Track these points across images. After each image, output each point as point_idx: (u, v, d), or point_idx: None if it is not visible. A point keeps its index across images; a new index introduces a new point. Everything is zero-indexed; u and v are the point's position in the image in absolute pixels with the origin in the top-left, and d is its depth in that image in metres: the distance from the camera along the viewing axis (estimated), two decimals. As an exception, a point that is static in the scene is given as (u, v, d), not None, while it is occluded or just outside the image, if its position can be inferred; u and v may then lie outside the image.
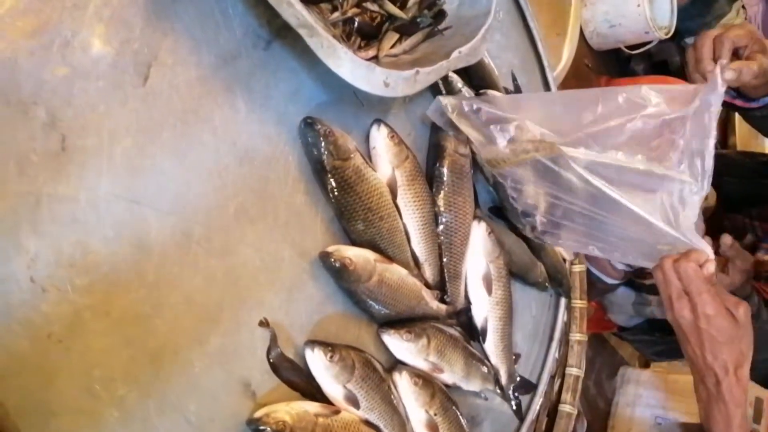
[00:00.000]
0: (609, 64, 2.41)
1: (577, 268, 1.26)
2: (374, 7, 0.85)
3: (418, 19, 0.88)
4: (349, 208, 0.83)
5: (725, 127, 2.53)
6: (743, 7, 2.27)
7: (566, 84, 2.08)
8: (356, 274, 0.81)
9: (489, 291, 0.99)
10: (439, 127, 0.97)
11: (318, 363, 0.76)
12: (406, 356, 0.88)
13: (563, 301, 1.24)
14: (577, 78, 2.23)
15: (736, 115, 2.26)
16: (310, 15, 0.70)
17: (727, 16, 2.20)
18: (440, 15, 0.92)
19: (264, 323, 0.75)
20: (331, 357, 0.77)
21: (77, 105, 0.61)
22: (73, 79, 0.61)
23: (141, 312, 0.65)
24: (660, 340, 1.70)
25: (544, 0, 1.80)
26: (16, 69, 0.58)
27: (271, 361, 0.75)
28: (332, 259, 0.79)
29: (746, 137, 2.48)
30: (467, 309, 1.00)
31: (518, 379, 1.07)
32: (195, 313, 0.69)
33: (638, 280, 1.63)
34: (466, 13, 0.92)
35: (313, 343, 0.77)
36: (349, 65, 0.73)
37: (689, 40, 2.28)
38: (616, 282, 1.61)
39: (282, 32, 0.78)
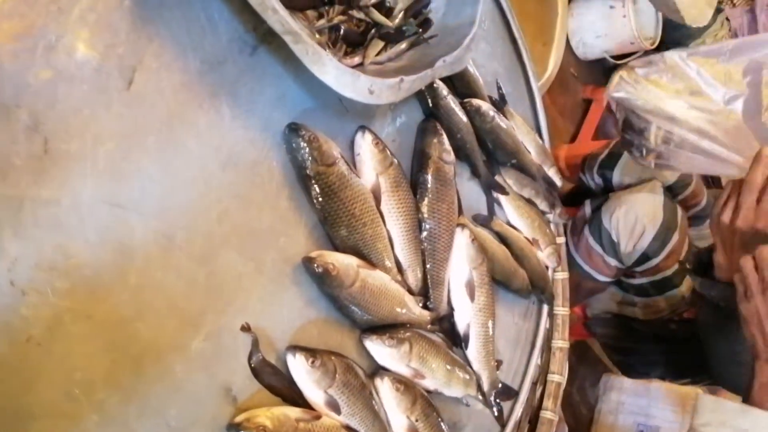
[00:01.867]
0: (595, 73, 2.44)
1: (560, 275, 1.28)
2: (360, 15, 0.85)
3: (404, 28, 0.89)
4: (333, 214, 0.83)
5: None
6: (727, 19, 2.30)
7: (552, 92, 2.10)
8: (339, 280, 0.81)
9: (472, 297, 1.00)
10: (424, 134, 0.98)
11: (299, 368, 0.77)
12: (388, 362, 0.88)
13: (546, 308, 1.25)
14: (562, 86, 2.25)
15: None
16: (295, 22, 0.71)
17: (711, 27, 2.23)
18: (426, 23, 0.93)
19: (246, 328, 0.75)
20: (313, 362, 0.77)
21: (61, 109, 0.62)
22: (57, 82, 0.61)
23: (123, 316, 0.65)
24: (627, 337, 1.71)
25: (531, 9, 1.82)
26: (1, 72, 0.58)
27: (253, 366, 0.75)
28: (315, 265, 0.80)
29: None
30: (450, 315, 1.00)
31: (500, 385, 1.08)
32: (177, 317, 0.69)
33: (626, 279, 1.64)
34: (451, 23, 0.93)
35: (294, 348, 0.77)
36: (333, 72, 0.74)
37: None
38: (608, 280, 1.62)
39: (268, 38, 0.79)
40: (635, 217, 1.47)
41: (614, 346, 1.81)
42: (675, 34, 2.27)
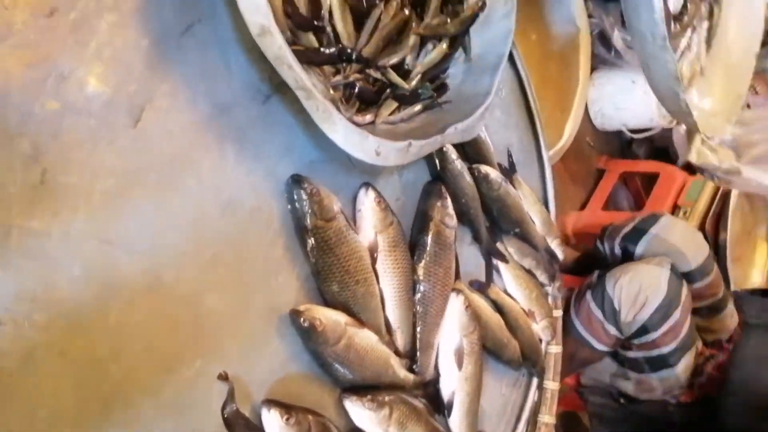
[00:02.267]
0: (611, 143, 2.44)
1: (553, 349, 1.25)
2: (377, 75, 0.86)
3: (420, 91, 0.89)
4: (327, 269, 0.82)
5: None
6: (748, 105, 2.30)
7: (566, 159, 2.10)
8: (324, 336, 0.80)
9: (459, 365, 0.98)
10: (429, 196, 0.97)
11: (273, 424, 0.75)
12: (366, 425, 0.86)
13: (535, 380, 1.22)
14: (577, 154, 2.25)
15: None
16: (309, 78, 0.71)
17: (731, 112, 2.24)
18: (442, 88, 0.93)
19: (223, 377, 0.74)
20: (287, 419, 0.75)
21: (63, 140, 0.62)
22: (63, 114, 0.62)
23: (97, 355, 0.64)
24: (620, 408, 1.67)
25: (552, 76, 1.83)
26: (7, 99, 0.58)
27: (226, 416, 0.73)
28: (302, 318, 0.78)
29: None
30: (435, 381, 0.98)
31: (480, 458, 1.05)
32: (154, 360, 0.68)
33: (623, 351, 1.61)
34: (467, 90, 0.93)
35: (270, 402, 0.75)
36: (342, 131, 0.74)
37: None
38: (605, 349, 1.59)
39: (282, 88, 0.79)
40: (639, 287, 1.45)
41: (605, 418, 1.77)
42: (694, 115, 2.27)
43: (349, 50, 0.80)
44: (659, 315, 1.45)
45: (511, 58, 1.16)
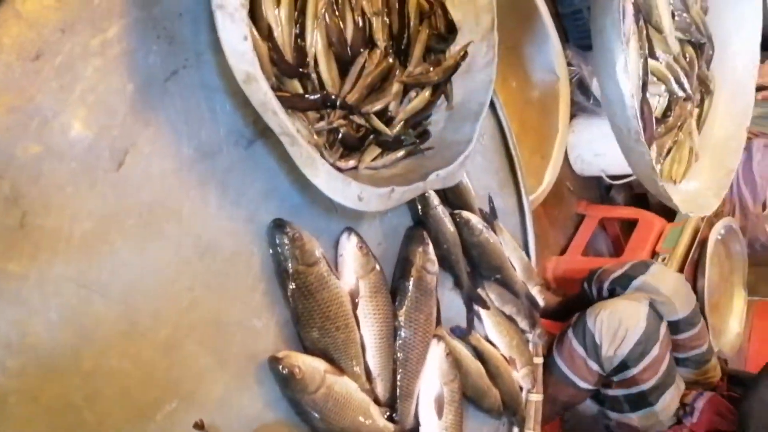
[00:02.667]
0: (590, 189, 2.47)
1: (534, 397, 1.24)
2: (361, 121, 0.86)
3: (402, 137, 0.90)
4: (307, 315, 0.82)
5: None
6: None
7: (546, 204, 2.12)
8: (303, 384, 0.78)
9: (440, 414, 0.97)
10: (411, 241, 0.97)
11: (248, 474, 0.73)
12: (344, 475, 0.84)
13: (516, 429, 1.21)
14: (557, 198, 2.27)
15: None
16: (293, 124, 0.72)
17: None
18: (424, 135, 0.94)
19: (199, 425, 0.72)
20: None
21: (44, 184, 0.61)
22: (45, 158, 0.61)
23: (71, 402, 0.62)
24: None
25: (533, 123, 1.86)
26: (-11, 142, 0.58)
27: (201, 466, 0.72)
28: (281, 366, 0.77)
29: None
30: (415, 430, 0.97)
31: None
32: (128, 408, 0.67)
33: (603, 390, 1.60)
34: (449, 137, 0.95)
35: None
36: (325, 176, 0.74)
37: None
38: (588, 387, 1.58)
39: (266, 133, 0.79)
40: (619, 321, 1.46)
41: None
42: (671, 162, 2.32)
43: (333, 97, 0.81)
44: (638, 350, 1.46)
45: (492, 105, 1.18)
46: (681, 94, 0.96)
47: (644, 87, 0.81)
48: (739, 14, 1.11)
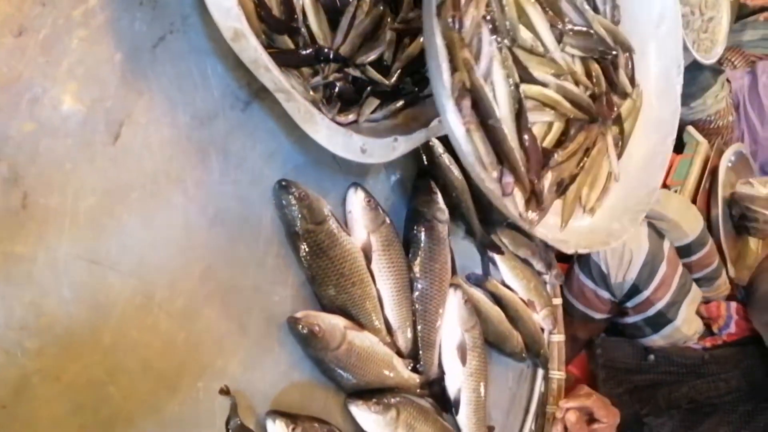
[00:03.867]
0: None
1: (556, 338, 1.25)
2: (356, 73, 0.84)
3: (400, 86, 0.88)
4: (321, 273, 0.81)
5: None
6: (728, 80, 2.31)
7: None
8: (324, 342, 0.78)
9: (463, 361, 0.97)
10: (418, 192, 0.96)
11: (279, 435, 0.74)
12: (374, 429, 0.84)
13: (540, 371, 1.21)
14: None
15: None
16: (287, 80, 0.70)
17: (712, 88, 2.23)
18: (422, 82, 0.92)
19: (225, 391, 0.72)
20: (293, 429, 0.74)
21: (42, 162, 0.60)
22: (40, 135, 0.60)
23: (94, 378, 0.63)
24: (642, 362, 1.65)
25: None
26: (-19, 124, 0.57)
27: (229, 430, 0.72)
28: (300, 325, 0.77)
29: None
30: (440, 379, 0.97)
31: (492, 453, 1.04)
32: (152, 379, 0.67)
33: (621, 320, 1.61)
34: (448, 82, 0.92)
35: (275, 413, 0.74)
36: (325, 131, 0.73)
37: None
38: (603, 316, 1.59)
39: (261, 93, 0.78)
40: (622, 246, 1.47)
41: (622, 369, 1.70)
42: (675, 94, 2.28)
43: (326, 50, 0.79)
44: (647, 271, 1.46)
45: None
46: (580, 116, 0.87)
47: (519, 116, 0.74)
48: (656, 16, 1.02)
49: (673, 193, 1.78)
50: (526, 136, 0.77)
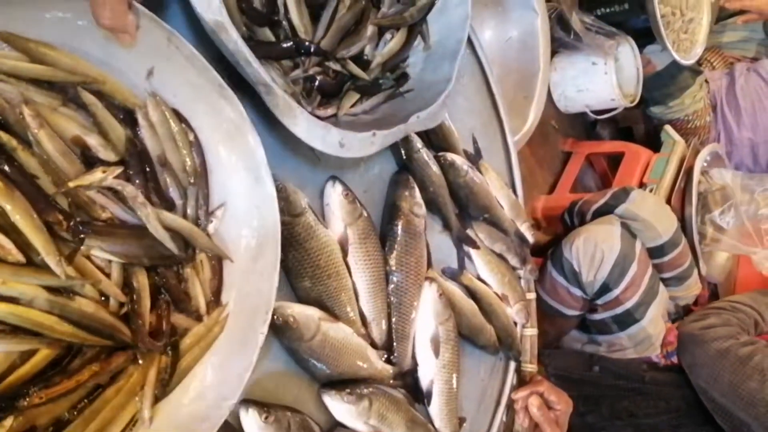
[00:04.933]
0: (575, 126, 2.47)
1: (528, 331, 1.26)
2: (336, 67, 0.85)
3: (380, 81, 0.89)
4: (297, 265, 0.82)
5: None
6: (706, 81, 2.34)
7: (532, 144, 2.12)
8: (298, 332, 0.79)
9: (436, 353, 0.98)
10: (396, 187, 0.97)
11: (252, 424, 0.74)
12: (347, 418, 0.86)
13: (512, 364, 1.23)
14: (543, 138, 2.27)
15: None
16: (267, 72, 0.71)
17: (690, 88, 2.27)
18: (402, 78, 0.93)
19: (198, 380, 0.72)
20: (266, 418, 0.75)
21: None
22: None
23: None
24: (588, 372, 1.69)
25: (513, 64, 1.84)
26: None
27: (203, 420, 0.72)
28: (275, 316, 0.78)
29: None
30: (414, 370, 0.98)
31: (462, 444, 1.05)
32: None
33: (590, 316, 1.64)
34: (428, 78, 0.94)
35: (248, 402, 0.75)
36: (304, 124, 0.73)
37: (654, 109, 2.34)
38: (575, 313, 1.62)
39: (241, 86, 0.78)
40: (594, 245, 1.49)
41: (570, 380, 1.74)
42: (655, 94, 2.30)
43: (306, 43, 0.80)
44: (617, 271, 1.49)
45: (470, 44, 1.16)
46: (95, 341, 0.66)
47: None
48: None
49: (649, 194, 1.81)
50: None
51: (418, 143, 1.00)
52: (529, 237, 1.24)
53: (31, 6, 0.61)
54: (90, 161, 0.64)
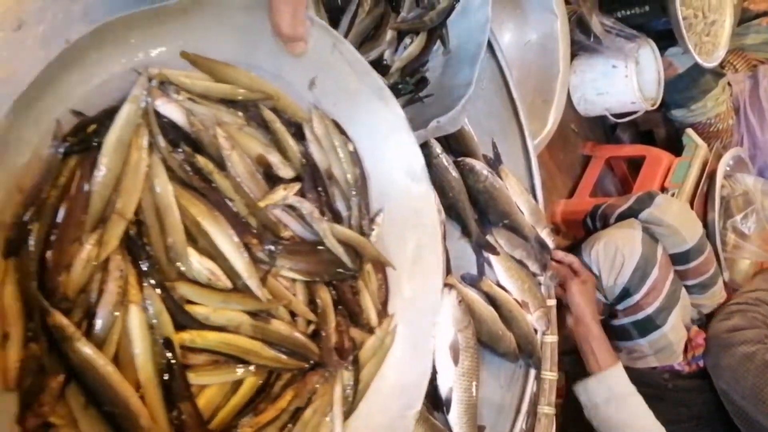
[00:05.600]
0: (595, 129, 2.44)
1: (549, 338, 1.25)
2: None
3: (400, 86, 0.89)
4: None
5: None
6: (729, 84, 2.31)
7: (551, 147, 2.09)
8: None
9: (456, 361, 0.97)
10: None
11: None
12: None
13: (533, 372, 1.22)
14: (563, 142, 2.25)
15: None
16: (287, 78, 0.70)
17: (712, 91, 2.24)
18: (422, 82, 0.92)
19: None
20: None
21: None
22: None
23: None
24: None
25: (533, 67, 1.83)
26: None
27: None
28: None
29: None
30: (432, 378, 0.97)
31: (482, 452, 1.04)
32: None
33: (610, 321, 1.62)
34: (447, 83, 0.93)
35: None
36: (323, 130, 0.73)
37: (676, 113, 2.31)
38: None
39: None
40: (615, 249, 1.48)
41: None
42: (676, 97, 2.28)
43: (326, 48, 0.79)
44: (638, 275, 1.47)
45: (490, 48, 1.15)
46: (291, 364, 0.65)
47: (170, 385, 0.54)
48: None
49: (674, 199, 1.78)
50: (181, 411, 0.53)
51: (438, 148, 0.99)
52: (550, 243, 1.22)
53: (211, 26, 0.61)
54: (270, 179, 0.64)
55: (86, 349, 0.47)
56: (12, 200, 0.45)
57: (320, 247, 0.65)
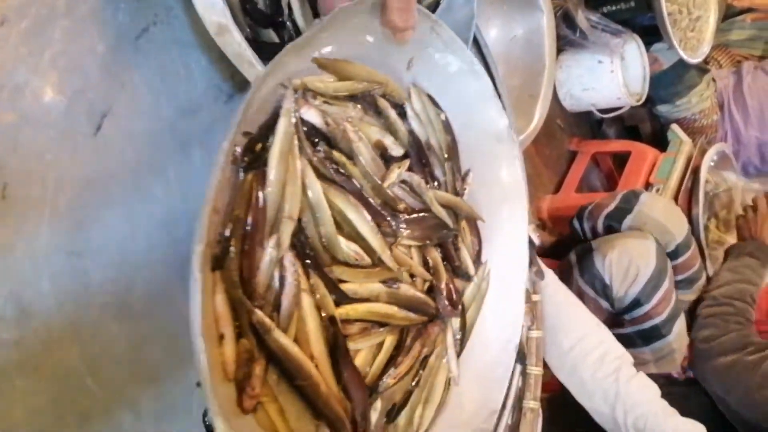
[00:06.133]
0: (581, 125, 2.45)
1: (534, 333, 1.25)
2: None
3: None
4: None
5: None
6: (713, 79, 2.33)
7: (538, 143, 2.10)
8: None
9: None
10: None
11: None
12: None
13: (518, 367, 1.22)
14: (549, 137, 2.25)
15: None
16: (271, 75, 0.70)
17: (697, 87, 2.26)
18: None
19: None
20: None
21: (23, 153, 0.60)
22: (21, 126, 0.60)
23: (72, 369, 0.63)
24: None
25: (519, 62, 1.83)
26: (-39, 114, 0.57)
27: (207, 423, 0.72)
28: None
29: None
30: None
31: (467, 445, 1.05)
32: (131, 372, 0.67)
33: (615, 330, 1.62)
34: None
35: None
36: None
37: (661, 108, 2.33)
38: None
39: (244, 86, 0.78)
40: (629, 260, 1.46)
41: None
42: (661, 92, 2.29)
43: (311, 45, 0.79)
44: (651, 286, 1.45)
45: (476, 43, 1.15)
46: (418, 320, 0.72)
47: (335, 352, 0.62)
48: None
49: (659, 196, 1.79)
50: (346, 374, 0.62)
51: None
52: (535, 239, 1.23)
53: (351, 32, 0.64)
54: (384, 159, 0.71)
55: (281, 338, 0.56)
56: (212, 222, 0.51)
57: (427, 214, 0.74)
